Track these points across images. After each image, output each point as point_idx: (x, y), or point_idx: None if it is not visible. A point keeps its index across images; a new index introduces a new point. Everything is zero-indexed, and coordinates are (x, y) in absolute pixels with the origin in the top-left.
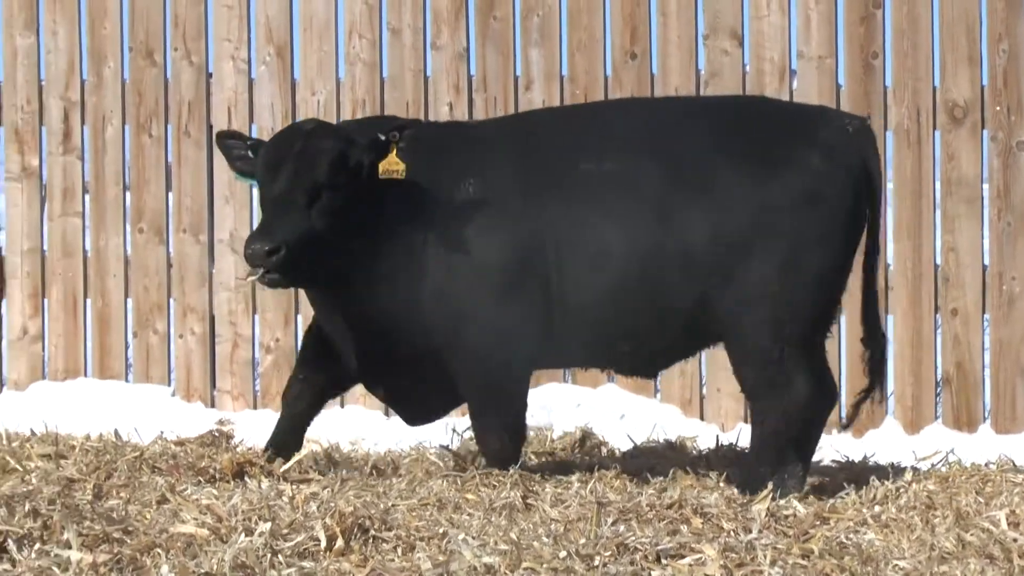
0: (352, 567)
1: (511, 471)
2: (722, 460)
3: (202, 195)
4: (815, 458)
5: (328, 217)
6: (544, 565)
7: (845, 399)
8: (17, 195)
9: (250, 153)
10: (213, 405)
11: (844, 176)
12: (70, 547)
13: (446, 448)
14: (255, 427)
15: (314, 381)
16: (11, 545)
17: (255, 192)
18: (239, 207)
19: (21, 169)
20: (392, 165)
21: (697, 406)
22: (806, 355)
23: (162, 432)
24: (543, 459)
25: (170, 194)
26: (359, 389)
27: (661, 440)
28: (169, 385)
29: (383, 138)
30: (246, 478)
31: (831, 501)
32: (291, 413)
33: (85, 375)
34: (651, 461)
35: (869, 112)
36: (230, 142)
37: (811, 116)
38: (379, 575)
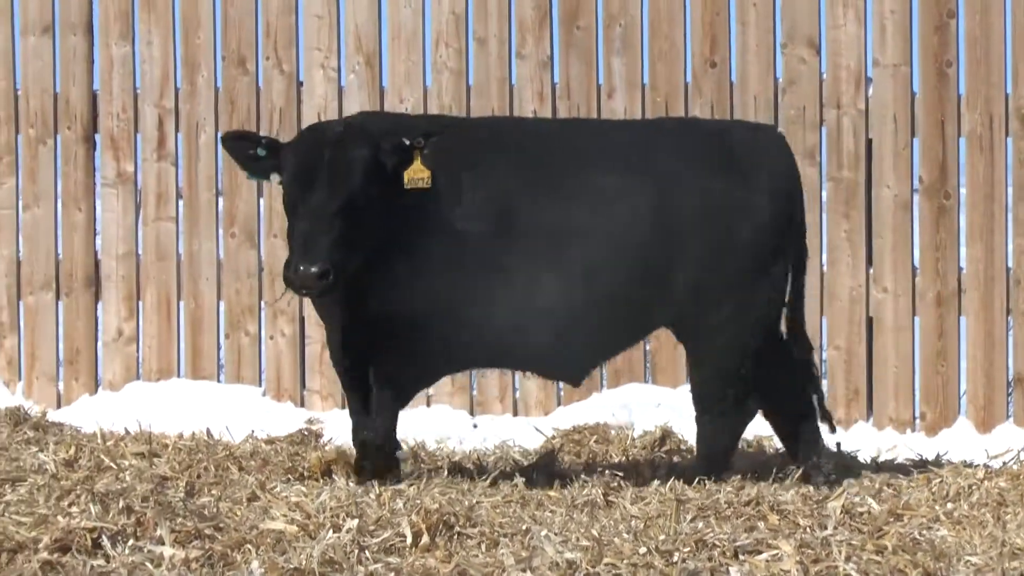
0: (437, 563)
1: None
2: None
3: None
4: (890, 456)
5: (365, 227)
6: (624, 561)
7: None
8: (113, 201)
9: (260, 151)
10: (302, 405)
11: (769, 189)
12: (163, 543)
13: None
14: (343, 426)
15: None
16: (105, 541)
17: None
18: None
19: (116, 175)
20: (417, 173)
21: None
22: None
23: (253, 431)
24: (624, 457)
25: (261, 199)
26: (446, 388)
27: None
28: (260, 385)
29: (407, 143)
30: (334, 476)
31: (904, 498)
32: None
33: (178, 375)
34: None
35: (943, 118)
36: (237, 143)
37: (725, 131)
38: (463, 571)
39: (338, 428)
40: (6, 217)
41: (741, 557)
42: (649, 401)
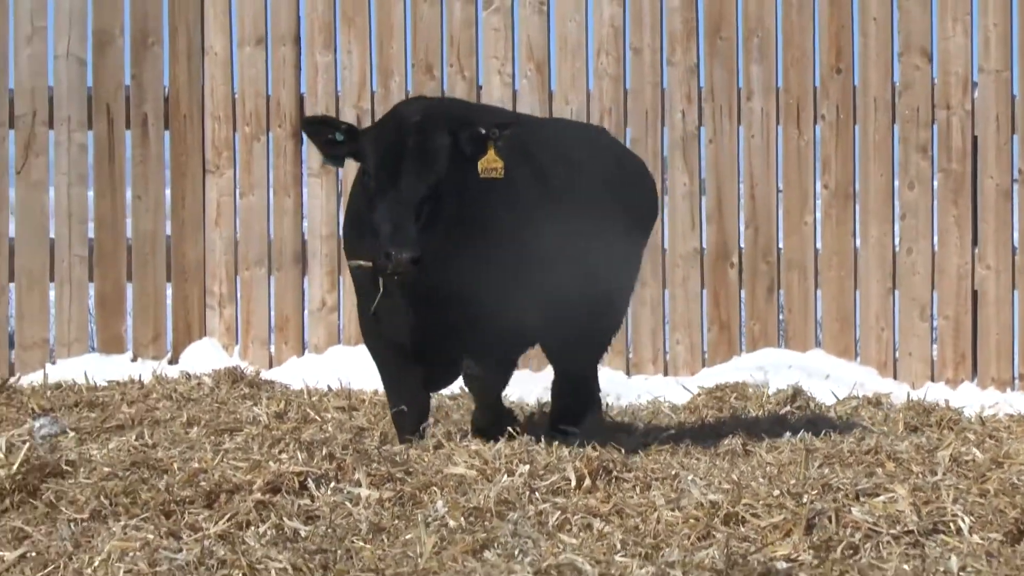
0: (597, 503)
1: None
2: (912, 413)
3: None
4: (992, 412)
5: (446, 212)
6: (760, 502)
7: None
8: (317, 189)
9: (338, 136)
10: None
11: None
12: (360, 485)
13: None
14: (525, 383)
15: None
16: (310, 483)
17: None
18: None
19: (321, 167)
20: (491, 163)
21: (891, 368)
22: None
23: None
24: (760, 412)
25: None
26: (607, 352)
27: (860, 396)
28: None
29: (483, 132)
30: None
31: (1005, 448)
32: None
33: None
34: (851, 414)
35: None
36: (318, 128)
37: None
38: (620, 509)
39: (521, 386)
40: (226, 203)
41: (862, 499)
42: (782, 363)
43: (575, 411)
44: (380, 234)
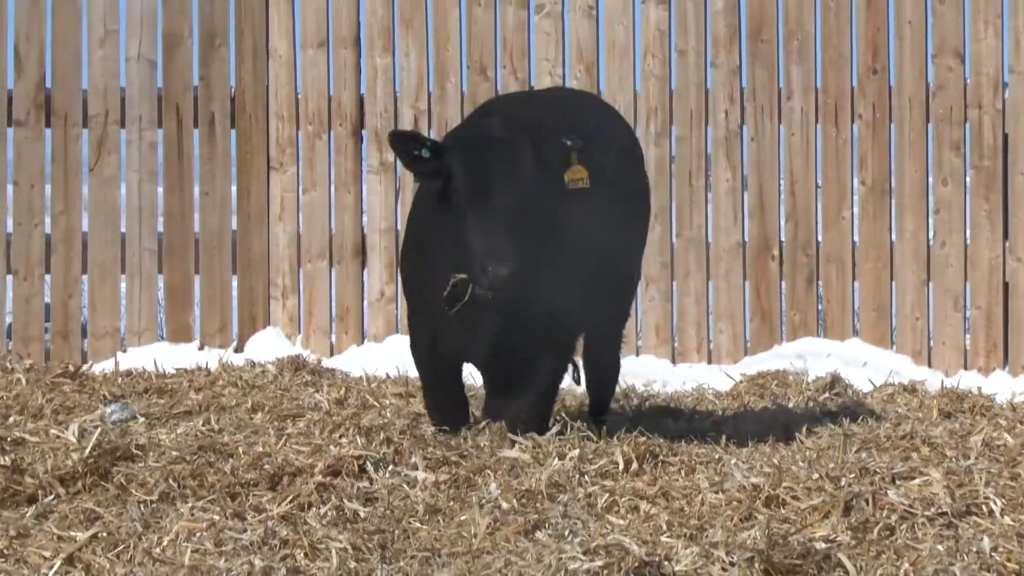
0: (644, 485)
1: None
2: (946, 400)
3: None
4: (1023, 399)
5: (533, 223)
6: (800, 485)
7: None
8: (376, 185)
9: (424, 153)
10: None
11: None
12: (417, 468)
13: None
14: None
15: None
16: (369, 467)
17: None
18: None
19: (380, 164)
20: (577, 174)
21: (926, 356)
22: None
23: None
24: (800, 399)
25: None
26: (651, 340)
27: (896, 384)
28: None
29: (568, 143)
30: (562, 414)
31: None
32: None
33: None
34: (887, 401)
35: None
36: (404, 143)
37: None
38: (666, 492)
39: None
40: (289, 199)
41: (898, 482)
42: (821, 352)
43: (611, 396)
44: (474, 249)
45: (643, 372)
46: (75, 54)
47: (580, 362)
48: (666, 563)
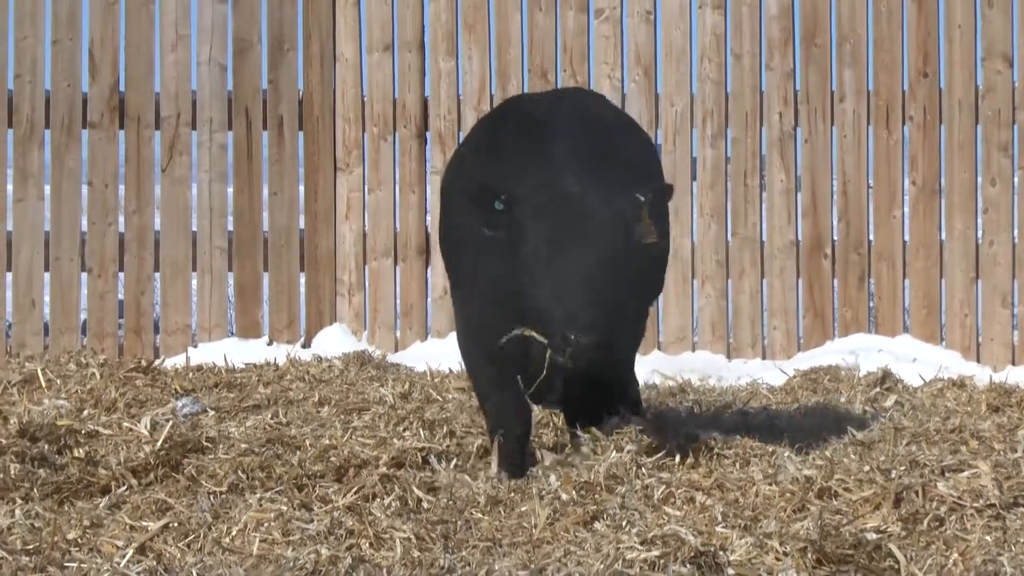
0: (700, 477)
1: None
2: (994, 394)
3: None
4: None
5: (612, 280)
6: (851, 477)
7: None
8: (440, 184)
9: (499, 205)
10: None
11: None
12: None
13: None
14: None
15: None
16: (432, 459)
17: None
18: None
19: (443, 165)
20: (648, 229)
21: (974, 352)
22: None
23: None
24: (851, 393)
25: None
26: (707, 336)
27: (945, 379)
28: None
29: (641, 199)
30: (620, 409)
31: None
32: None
33: None
34: (936, 396)
35: None
36: (485, 196)
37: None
38: (721, 484)
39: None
40: (355, 198)
41: (947, 475)
42: (872, 347)
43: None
44: (555, 316)
45: (699, 367)
46: (148, 58)
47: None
48: (721, 553)
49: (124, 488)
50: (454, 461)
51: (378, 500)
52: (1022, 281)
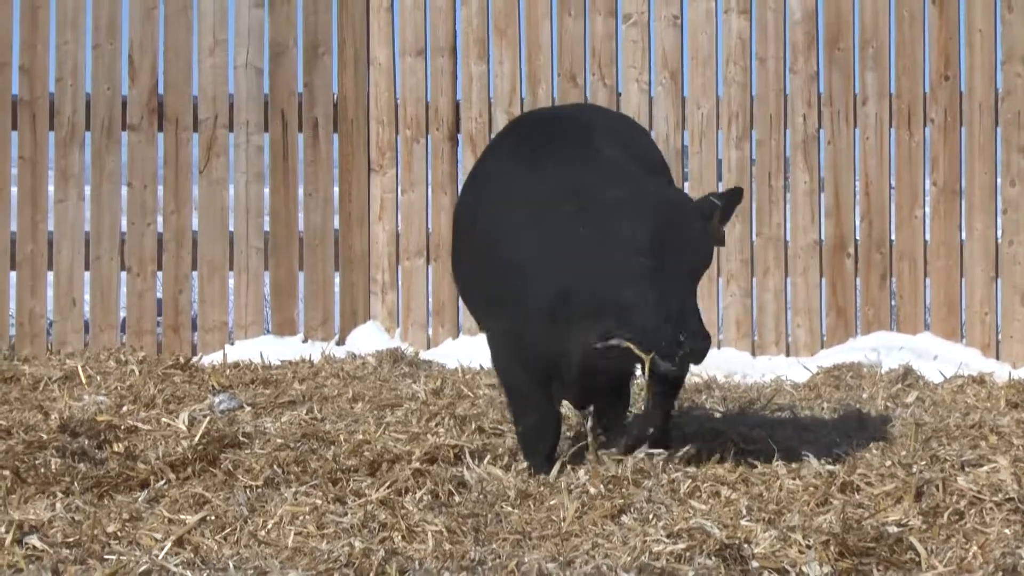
0: (725, 472)
1: None
2: (1013, 391)
3: None
4: None
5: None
6: (873, 471)
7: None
8: None
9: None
10: None
11: None
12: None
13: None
14: None
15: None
16: (464, 454)
17: None
18: None
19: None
20: (719, 232)
21: (994, 349)
22: None
23: None
24: (873, 390)
25: None
26: (732, 334)
27: (965, 375)
28: None
29: (716, 202)
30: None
31: None
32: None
33: None
34: (957, 392)
35: None
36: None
37: None
38: (745, 478)
39: None
40: (388, 199)
41: (967, 470)
42: (894, 345)
43: None
44: (653, 321)
45: (724, 364)
46: (186, 62)
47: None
48: (746, 546)
49: (162, 482)
50: (486, 457)
51: (410, 494)
52: None
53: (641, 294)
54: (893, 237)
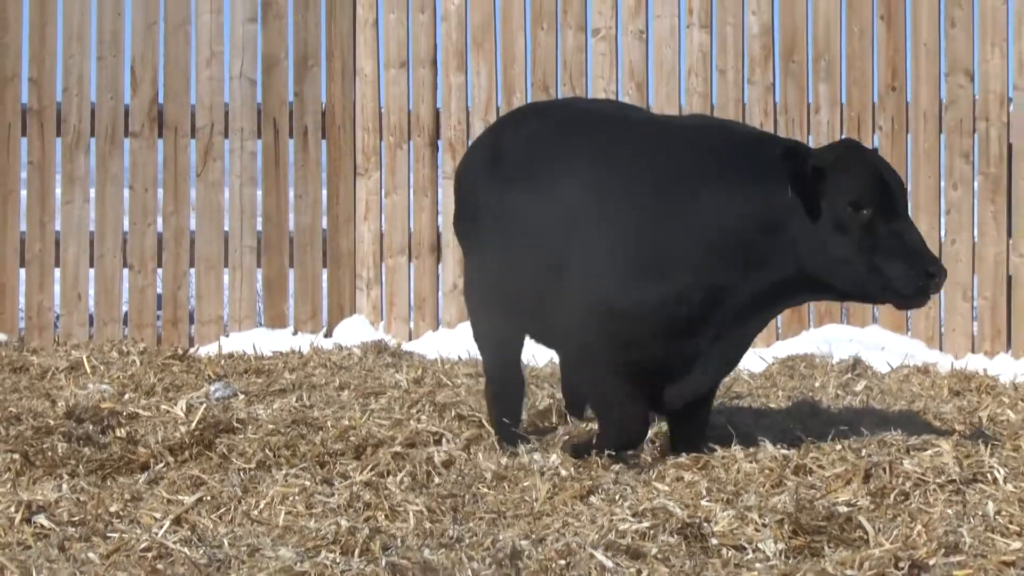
0: (686, 456)
1: None
2: (955, 380)
3: None
4: None
5: None
6: (825, 455)
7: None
8: (450, 189)
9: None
10: None
11: None
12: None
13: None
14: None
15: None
16: (443, 439)
17: None
18: None
19: (454, 171)
20: None
21: (938, 341)
22: None
23: (551, 359)
24: (825, 379)
25: None
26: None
27: (911, 366)
28: None
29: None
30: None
31: None
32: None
33: None
34: (903, 381)
35: None
36: (793, 156)
37: None
38: (706, 462)
39: None
40: (373, 201)
41: (912, 453)
42: (844, 337)
43: None
44: (912, 259)
45: None
46: (184, 73)
47: None
48: (706, 524)
49: (162, 465)
50: (463, 441)
51: (393, 476)
52: (981, 276)
53: (896, 246)
54: None
